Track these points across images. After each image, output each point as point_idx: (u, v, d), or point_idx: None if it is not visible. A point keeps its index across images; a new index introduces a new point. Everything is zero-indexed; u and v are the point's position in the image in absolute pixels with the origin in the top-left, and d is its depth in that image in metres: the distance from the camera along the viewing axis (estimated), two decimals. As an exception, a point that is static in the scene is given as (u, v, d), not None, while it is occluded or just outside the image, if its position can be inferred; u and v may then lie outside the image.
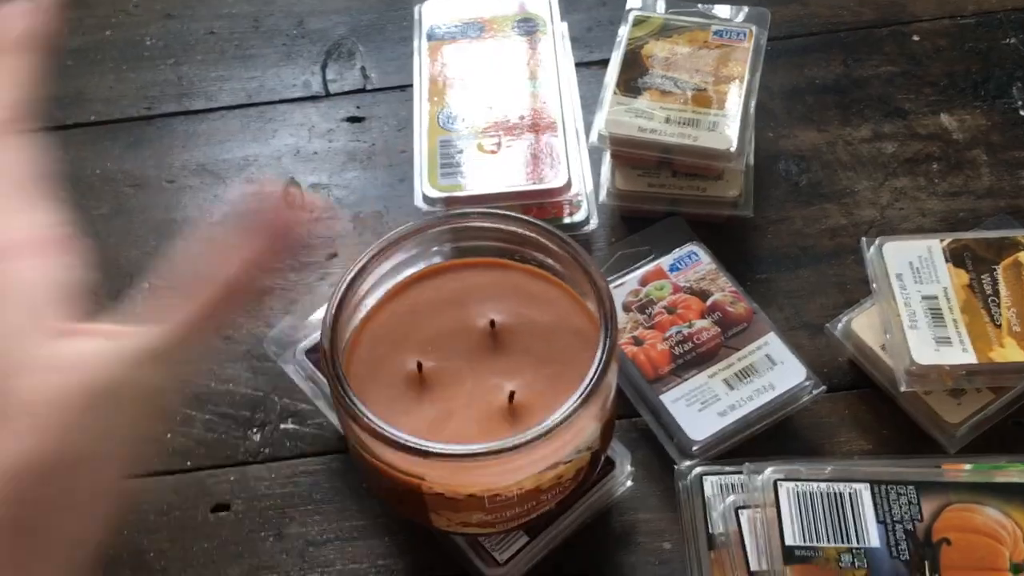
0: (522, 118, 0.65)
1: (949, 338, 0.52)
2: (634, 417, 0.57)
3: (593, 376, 0.44)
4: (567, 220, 0.64)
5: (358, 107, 0.73)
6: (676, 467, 0.52)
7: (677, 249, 0.61)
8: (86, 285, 0.32)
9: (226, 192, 0.69)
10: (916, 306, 0.53)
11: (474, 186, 0.62)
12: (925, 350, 0.52)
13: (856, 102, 0.71)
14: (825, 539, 0.45)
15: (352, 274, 0.47)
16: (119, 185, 0.70)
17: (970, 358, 0.52)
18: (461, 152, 0.64)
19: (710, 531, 0.49)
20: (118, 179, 0.70)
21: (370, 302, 0.49)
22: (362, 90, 0.74)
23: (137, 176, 0.70)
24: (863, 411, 0.57)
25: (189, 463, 0.58)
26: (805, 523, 0.45)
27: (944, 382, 0.52)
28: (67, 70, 0.74)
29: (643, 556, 0.53)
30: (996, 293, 0.54)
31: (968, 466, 0.50)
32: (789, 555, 0.44)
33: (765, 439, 0.55)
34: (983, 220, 0.64)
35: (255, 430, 0.59)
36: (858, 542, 0.45)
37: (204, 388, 0.61)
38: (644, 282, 0.60)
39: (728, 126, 0.61)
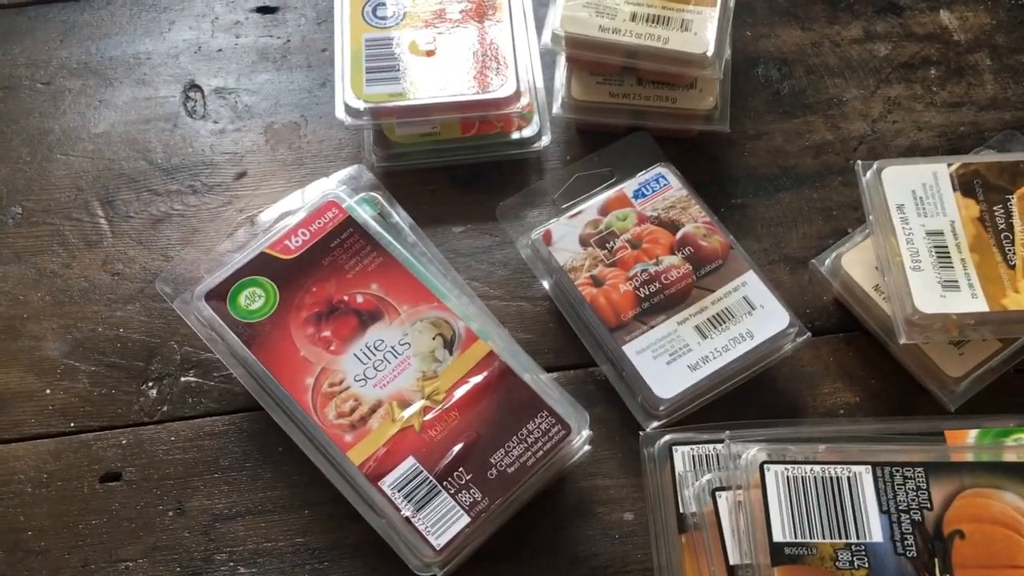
0: (462, 11, 0.56)
1: (956, 281, 0.45)
2: (591, 367, 0.50)
3: None
4: (516, 136, 0.55)
5: (270, -5, 0.62)
6: (641, 433, 0.45)
7: (643, 172, 0.52)
8: None
9: (114, 97, 0.58)
10: (919, 243, 0.46)
11: (407, 95, 0.53)
12: (929, 296, 0.45)
13: (846, -4, 0.62)
14: (819, 534, 0.38)
15: None
16: (-17, 88, 0.59)
17: (980, 305, 0.44)
18: (392, 54, 0.54)
19: (681, 510, 0.42)
20: (-18, 81, 0.59)
21: None
22: (274, -25, 0.63)
23: (6, 76, 0.59)
24: (850, 358, 0.51)
25: (72, 424, 0.49)
26: (796, 514, 0.38)
27: (949, 332, 0.45)
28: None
29: (602, 529, 0.46)
30: (1010, 228, 0.46)
31: (973, 432, 0.43)
32: (778, 554, 0.37)
33: (739, 391, 0.48)
34: (987, 135, 0.56)
35: (151, 384, 0.50)
36: (858, 537, 0.38)
37: (89, 334, 0.52)
38: (605, 211, 0.51)
39: (704, 25, 0.52)
